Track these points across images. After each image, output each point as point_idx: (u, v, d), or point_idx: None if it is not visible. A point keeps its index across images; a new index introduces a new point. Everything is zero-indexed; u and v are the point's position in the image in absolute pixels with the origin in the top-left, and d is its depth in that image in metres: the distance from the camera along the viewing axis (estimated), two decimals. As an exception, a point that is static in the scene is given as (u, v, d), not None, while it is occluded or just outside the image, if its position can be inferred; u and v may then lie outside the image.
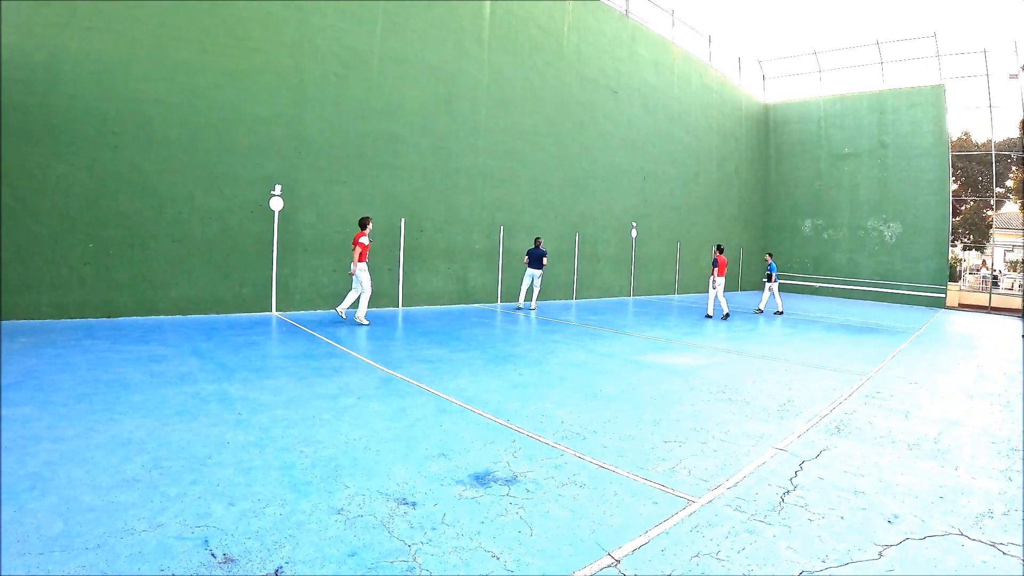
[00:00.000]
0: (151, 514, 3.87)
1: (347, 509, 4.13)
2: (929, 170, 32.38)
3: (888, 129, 33.76)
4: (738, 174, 34.47)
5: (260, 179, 13.99)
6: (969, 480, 5.47)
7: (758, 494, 4.87)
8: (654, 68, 27.01)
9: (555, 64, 21.60)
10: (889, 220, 33.58)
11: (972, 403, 8.82)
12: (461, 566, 3.51)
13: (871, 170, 34.31)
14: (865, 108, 34.72)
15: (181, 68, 12.78)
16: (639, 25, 26.01)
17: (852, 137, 35.05)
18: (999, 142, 40.69)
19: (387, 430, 5.94)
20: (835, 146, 35.67)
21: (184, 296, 12.97)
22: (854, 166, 34.93)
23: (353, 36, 15.62)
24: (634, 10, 25.78)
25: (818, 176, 36.22)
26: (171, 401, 6.48)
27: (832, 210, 35.61)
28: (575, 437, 6.07)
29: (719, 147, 32.33)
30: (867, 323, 20.31)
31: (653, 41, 26.93)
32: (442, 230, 17.99)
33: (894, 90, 33.94)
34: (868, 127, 34.51)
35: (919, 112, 32.88)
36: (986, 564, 3.90)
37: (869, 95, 34.76)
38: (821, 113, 36.29)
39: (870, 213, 34.24)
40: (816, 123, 36.46)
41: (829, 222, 35.67)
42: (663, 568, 3.63)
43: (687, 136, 29.50)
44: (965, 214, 48.81)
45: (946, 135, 32.29)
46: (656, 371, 9.82)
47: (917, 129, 32.86)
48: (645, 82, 26.38)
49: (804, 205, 36.71)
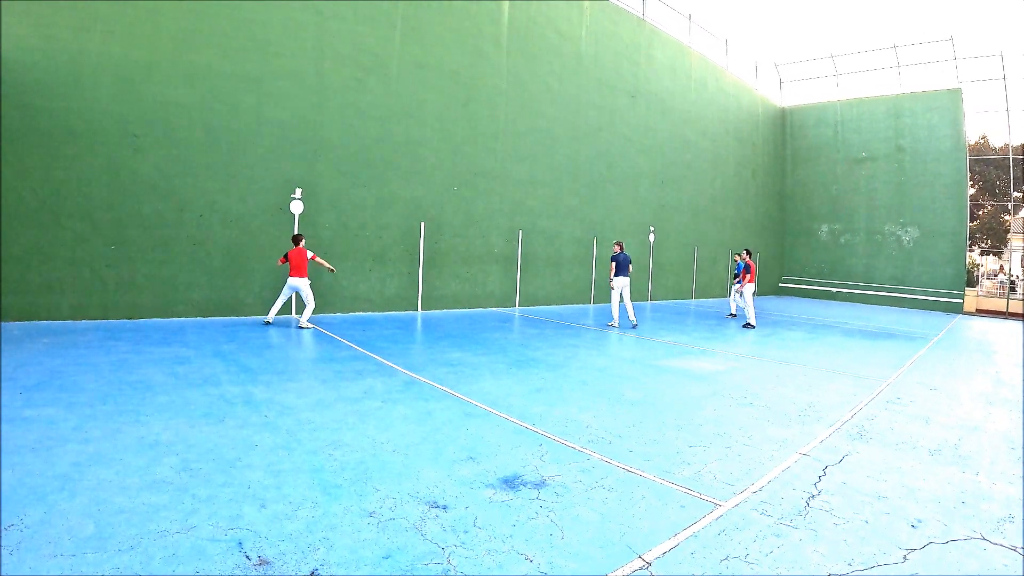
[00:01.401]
0: (183, 516, 3.89)
1: (379, 512, 4.13)
2: (946, 174, 32.19)
3: (905, 133, 33.59)
4: (755, 178, 34.37)
5: (280, 182, 14.06)
6: (990, 485, 5.46)
7: (783, 498, 4.88)
8: (671, 72, 26.98)
9: (573, 68, 21.61)
10: (906, 225, 33.39)
11: (991, 409, 8.77)
12: (495, 568, 3.52)
13: (888, 174, 34.14)
14: (882, 112, 34.56)
15: (202, 72, 12.87)
16: (656, 29, 25.99)
17: (869, 141, 34.88)
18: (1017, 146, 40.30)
19: (413, 433, 5.95)
20: (852, 150, 35.51)
21: (205, 298, 13.05)
22: (871, 170, 34.76)
23: (372, 40, 15.68)
24: (651, 14, 25.77)
25: (835, 180, 36.07)
26: (197, 403, 6.51)
27: (849, 215, 35.45)
28: (600, 441, 6.07)
29: (736, 151, 32.25)
30: (885, 328, 20.20)
31: (670, 45, 26.91)
32: (461, 234, 18.02)
33: (911, 94, 33.78)
34: (885, 131, 34.34)
35: (936, 116, 32.70)
36: (1007, 568, 3.92)
37: (886, 99, 34.60)
38: (838, 117, 36.15)
39: (887, 218, 34.05)
40: (833, 127, 36.31)
41: (846, 227, 35.51)
42: (693, 570, 3.65)
43: (704, 140, 29.44)
44: (983, 219, 48.54)
45: (963, 139, 32.10)
46: (677, 376, 9.80)
47: (934, 133, 32.68)
48: (662, 86, 26.35)
49: (821, 210, 36.55)
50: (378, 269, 15.85)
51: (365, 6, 15.43)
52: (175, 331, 11.20)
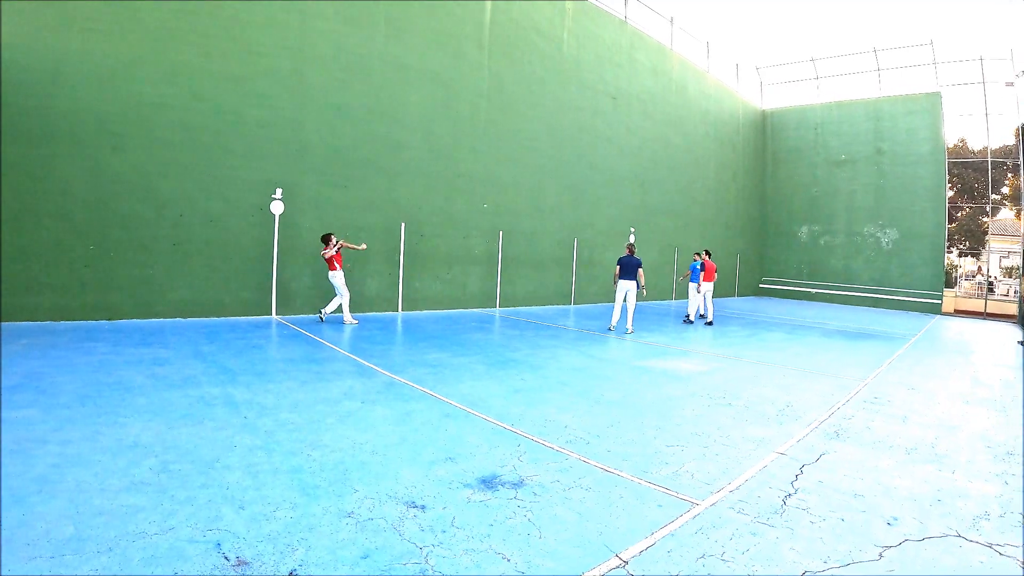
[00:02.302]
0: (162, 517, 3.89)
1: (357, 512, 4.15)
2: (925, 177, 32.50)
3: (885, 136, 33.90)
4: (735, 180, 34.57)
5: (261, 183, 14.02)
6: (966, 484, 5.54)
7: (760, 497, 4.94)
8: (652, 75, 27.09)
9: (554, 70, 21.67)
10: (885, 226, 33.69)
11: (969, 408, 8.89)
12: (473, 568, 3.55)
13: (867, 177, 34.44)
14: (862, 115, 34.86)
15: (183, 71, 12.80)
16: (638, 32, 26.09)
17: (849, 144, 35.17)
18: (995, 149, 40.85)
19: (392, 434, 5.96)
20: (832, 153, 35.79)
21: (184, 299, 12.99)
22: (851, 173, 35.05)
23: (355, 41, 15.66)
24: (633, 17, 25.86)
25: (815, 183, 36.34)
26: (176, 404, 6.50)
27: (829, 216, 35.72)
28: (579, 441, 6.11)
29: (716, 153, 32.43)
30: (863, 329, 20.37)
31: (651, 48, 27.02)
32: (442, 235, 18.02)
33: (891, 97, 34.09)
34: (865, 134, 34.64)
35: (915, 119, 33.01)
36: (983, 565, 3.98)
37: (866, 102, 34.90)
38: (818, 120, 36.42)
39: (866, 219, 34.35)
40: (813, 130, 36.58)
41: (826, 228, 35.77)
42: (670, 569, 3.68)
43: (685, 142, 29.59)
44: (961, 220, 49.01)
45: (942, 142, 32.44)
46: (656, 376, 9.86)
47: (913, 136, 33.00)
48: (643, 88, 26.45)
49: (801, 211, 36.82)
50: (358, 270, 15.82)
51: (347, 6, 15.41)
52: (155, 332, 11.14)
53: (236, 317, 13.60)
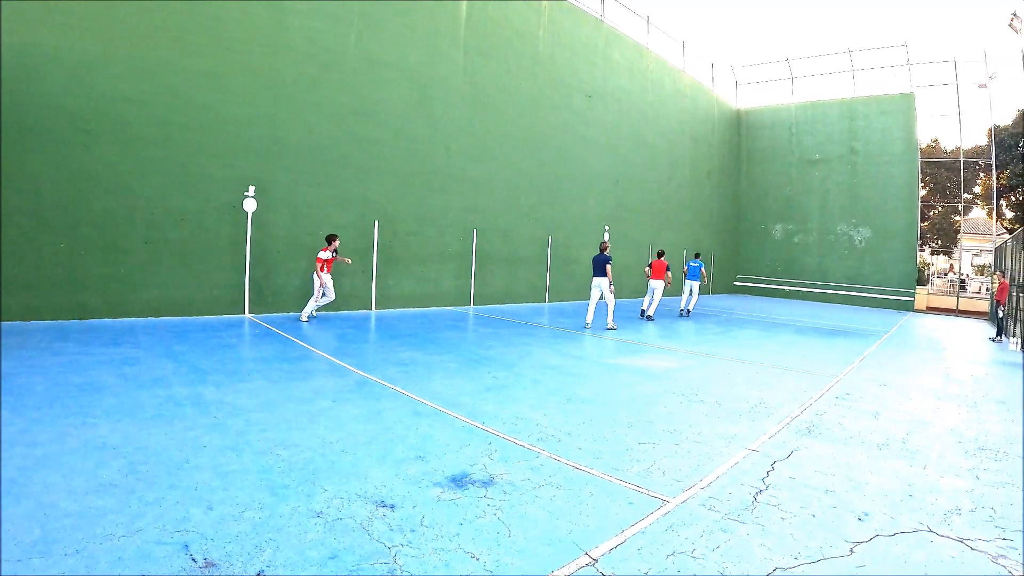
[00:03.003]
0: (129, 519, 3.86)
1: (326, 512, 4.14)
2: (898, 176, 32.88)
3: (859, 136, 34.24)
4: (710, 179, 34.75)
5: (234, 180, 13.91)
6: (937, 478, 5.62)
7: (731, 494, 4.97)
8: (628, 73, 27.17)
9: (530, 68, 21.68)
10: (859, 225, 34.03)
11: (940, 404, 9.01)
12: (441, 567, 3.55)
13: (841, 176, 34.78)
14: (836, 115, 35.19)
15: (157, 67, 12.66)
16: (614, 30, 26.15)
17: (823, 143, 35.49)
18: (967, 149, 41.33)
19: (363, 433, 5.95)
20: (806, 152, 36.09)
21: (157, 298, 12.86)
22: (825, 172, 35.36)
23: (330, 37, 15.58)
24: (609, 16, 25.92)
25: (789, 181, 36.62)
26: (145, 405, 6.44)
27: (803, 215, 36.03)
28: (551, 439, 6.13)
29: (691, 152, 32.59)
30: (837, 326, 20.57)
31: (627, 46, 27.09)
32: (416, 233, 17.98)
33: (865, 97, 34.46)
34: (839, 133, 34.97)
35: (889, 119, 33.38)
36: (955, 559, 4.02)
37: (840, 102, 35.24)
38: (793, 119, 36.69)
39: (840, 218, 34.69)
40: (788, 129, 36.85)
41: (800, 226, 36.08)
42: (640, 567, 3.69)
43: (660, 141, 29.71)
44: (933, 219, 49.58)
45: (916, 142, 32.84)
46: (629, 374, 9.91)
47: (887, 136, 33.37)
48: (619, 87, 26.53)
49: (775, 209, 37.10)
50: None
51: (323, 3, 15.32)
52: (126, 332, 11.03)
53: (209, 316, 13.49)
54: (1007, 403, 9.46)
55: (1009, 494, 5.32)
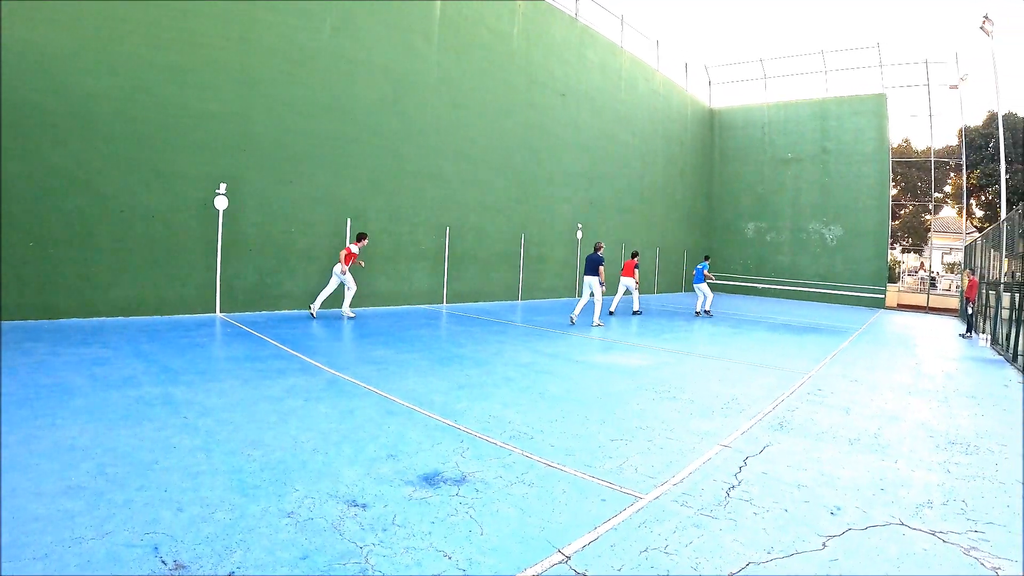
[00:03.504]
0: (99, 522, 3.82)
1: (297, 512, 4.12)
2: (870, 175, 33.31)
3: (831, 135, 34.62)
4: (683, 177, 34.95)
5: (205, 177, 13.78)
6: (909, 472, 5.70)
7: (704, 489, 4.99)
8: (602, 72, 27.27)
9: (504, 66, 21.71)
10: (830, 223, 34.39)
11: (911, 399, 9.16)
12: (413, 566, 3.53)
13: (813, 175, 35.15)
14: (808, 115, 35.56)
15: (127, 62, 12.49)
16: (588, 29, 26.23)
17: (795, 143, 35.85)
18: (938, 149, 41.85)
19: (335, 432, 5.93)
20: (778, 151, 36.42)
21: (127, 297, 12.71)
22: (797, 171, 35.71)
23: (302, 33, 15.48)
24: (584, 14, 26.01)
25: (761, 180, 36.94)
26: (115, 405, 6.38)
27: (775, 213, 36.36)
28: (523, 437, 6.14)
29: (664, 150, 32.76)
30: (809, 323, 20.78)
31: (601, 45, 27.18)
32: (388, 230, 17.93)
33: (837, 98, 34.86)
34: (811, 133, 35.35)
35: (861, 119, 33.80)
36: (927, 552, 4.07)
37: (812, 102, 35.62)
38: (765, 119, 37.00)
39: (812, 216, 35.06)
40: (760, 128, 37.16)
41: (772, 225, 36.41)
42: (613, 563, 3.69)
43: (633, 139, 29.85)
44: (904, 218, 50.16)
45: (887, 142, 33.29)
46: (602, 371, 9.96)
47: (859, 136, 33.79)
48: (593, 85, 26.62)
49: (747, 208, 37.42)
50: (303, 266, 15.68)
51: None
52: (96, 331, 10.90)
53: (179, 315, 13.37)
54: (977, 398, 9.63)
55: (980, 487, 5.40)
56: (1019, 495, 5.23)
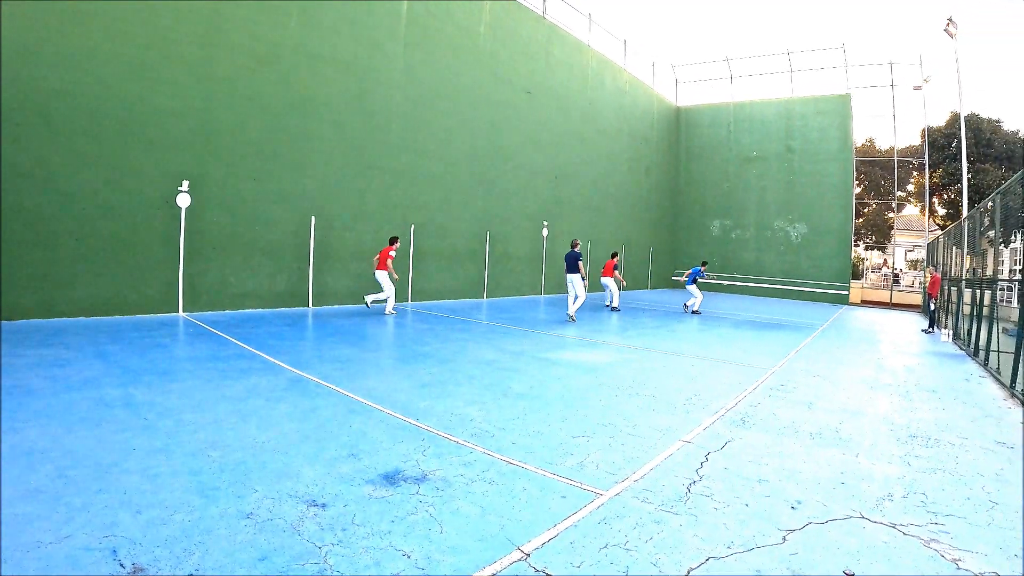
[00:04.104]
0: (57, 526, 3.79)
1: (256, 513, 4.12)
2: (834, 174, 33.76)
3: (795, 134, 35.03)
4: (648, 175, 35.16)
5: (168, 174, 13.64)
6: (870, 466, 5.78)
7: (665, 485, 5.02)
8: (568, 70, 27.36)
9: (470, 63, 21.73)
10: (795, 221, 34.78)
11: (872, 394, 9.31)
12: (372, 566, 3.54)
13: (778, 173, 35.54)
14: (774, 114, 35.95)
15: (88, 57, 12.30)
16: (555, 27, 26.30)
17: (760, 141, 36.22)
18: (901, 149, 42.40)
19: (296, 432, 5.92)
20: (744, 149, 36.77)
21: (88, 297, 12.54)
22: (762, 169, 36.08)
23: (267, 28, 15.37)
24: (551, 12, 26.08)
25: (727, 178, 37.28)
26: (75, 407, 6.32)
27: (740, 211, 36.71)
28: (484, 435, 6.16)
29: (630, 148, 32.95)
30: (773, 319, 21.02)
31: (569, 43, 27.27)
32: (352, 228, 17.87)
33: (802, 98, 35.33)
34: (776, 132, 35.73)
35: (826, 119, 34.24)
36: (887, 544, 4.13)
37: (778, 102, 36.03)
38: (731, 118, 37.34)
39: (777, 214, 35.43)
40: (726, 127, 37.48)
41: (737, 222, 36.75)
42: (572, 560, 3.71)
43: (599, 137, 30.00)
44: (868, 216, 50.78)
45: (851, 141, 33.78)
46: (565, 368, 10.02)
47: (823, 135, 34.22)
48: (559, 83, 26.71)
49: (713, 206, 37.75)
50: (267, 265, 15.60)
51: (259, -5, 15.13)
52: (57, 332, 10.74)
53: (142, 315, 13.22)
54: (938, 392, 9.83)
55: (940, 480, 5.51)
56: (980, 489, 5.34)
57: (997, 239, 12.53)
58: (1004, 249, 18.81)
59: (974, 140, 38.01)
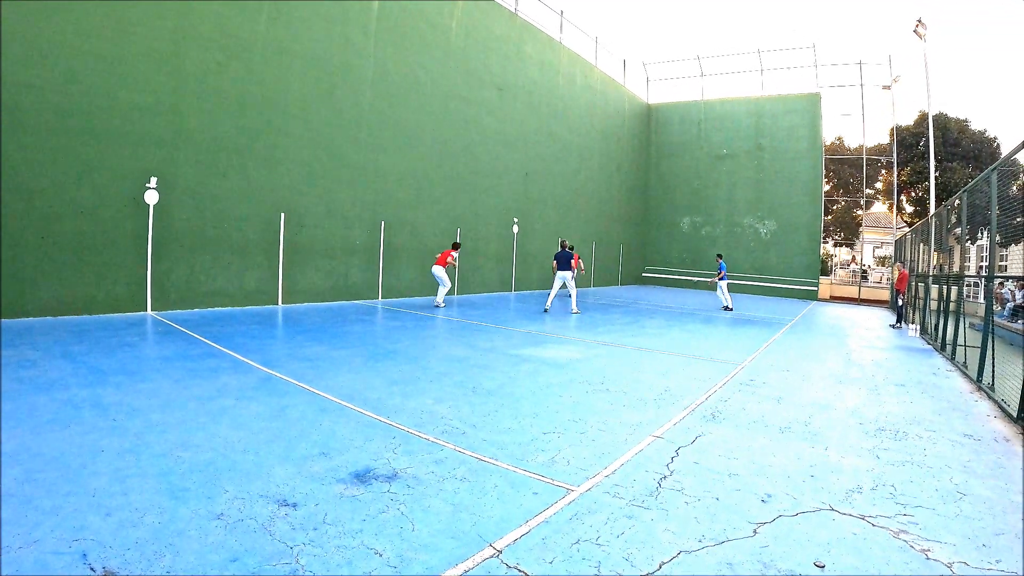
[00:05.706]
0: (26, 530, 3.75)
1: (227, 514, 4.10)
2: (803, 172, 34.13)
3: (765, 132, 35.37)
4: (619, 172, 35.33)
5: (135, 171, 13.46)
6: (839, 459, 5.86)
7: (636, 480, 5.05)
8: (540, 67, 27.41)
9: (441, 60, 21.69)
10: (764, 218, 35.12)
11: (841, 388, 9.43)
12: (344, 565, 3.53)
13: (748, 171, 35.88)
14: (744, 112, 36.27)
15: (54, 51, 12.07)
16: (527, 24, 26.34)
17: (731, 139, 36.55)
18: (870, 147, 42.96)
19: (266, 431, 5.89)
20: (714, 147, 37.07)
21: (54, 296, 12.35)
22: (732, 166, 36.40)
23: (237, 23, 15.22)
24: (523, 9, 26.11)
25: (697, 175, 37.56)
26: (42, 409, 6.24)
27: (710, 208, 37.02)
28: (455, 432, 6.17)
29: (601, 146, 33.09)
30: (743, 315, 21.20)
31: (540, 40, 27.31)
32: (322, 225, 17.79)
33: (772, 96, 35.68)
34: (746, 130, 36.06)
35: (795, 117, 34.61)
36: (857, 536, 4.18)
37: (748, 100, 36.37)
38: (701, 115, 37.62)
39: (746, 211, 35.76)
40: (696, 125, 37.75)
41: (707, 219, 37.05)
42: (544, 556, 3.73)
43: (570, 135, 30.09)
44: (836, 213, 51.44)
45: (820, 140, 34.23)
46: (535, 364, 10.04)
47: (793, 133, 34.58)
48: (530, 80, 26.75)
49: (683, 203, 38.02)
50: (237, 262, 15.48)
51: (228, -11, 14.97)
52: (22, 332, 10.57)
53: (110, 314, 13.05)
54: (906, 385, 9.99)
55: (909, 472, 5.61)
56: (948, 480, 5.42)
57: (964, 236, 12.72)
58: (971, 246, 19.09)
59: (942, 139, 38.66)
